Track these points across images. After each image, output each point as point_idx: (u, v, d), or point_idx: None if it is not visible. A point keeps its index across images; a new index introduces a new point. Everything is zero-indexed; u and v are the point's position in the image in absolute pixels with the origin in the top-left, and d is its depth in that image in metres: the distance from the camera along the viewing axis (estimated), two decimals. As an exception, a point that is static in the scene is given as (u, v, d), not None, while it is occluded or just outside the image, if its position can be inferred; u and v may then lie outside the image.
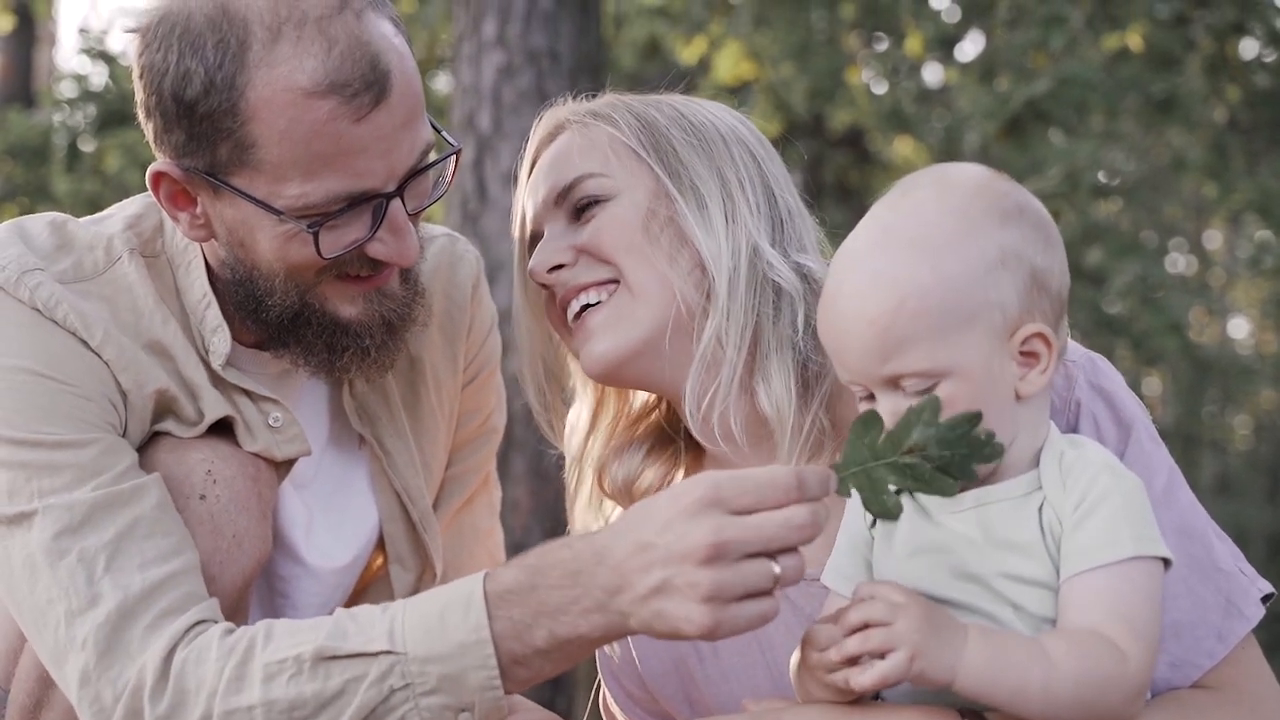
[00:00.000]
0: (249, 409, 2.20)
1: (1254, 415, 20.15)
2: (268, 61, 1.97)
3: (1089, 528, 1.79)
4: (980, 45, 10.39)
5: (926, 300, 1.79)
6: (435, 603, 1.91)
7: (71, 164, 10.00)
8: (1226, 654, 1.98)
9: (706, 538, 1.74)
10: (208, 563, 2.09)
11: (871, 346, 1.81)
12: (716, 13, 10.03)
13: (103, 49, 10.42)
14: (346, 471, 2.38)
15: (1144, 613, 1.76)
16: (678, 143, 2.17)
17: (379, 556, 2.44)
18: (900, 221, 1.85)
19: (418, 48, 9.59)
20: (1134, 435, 2.03)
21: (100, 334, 2.09)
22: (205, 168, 2.04)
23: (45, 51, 14.58)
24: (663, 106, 2.22)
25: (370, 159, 2.02)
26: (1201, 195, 12.90)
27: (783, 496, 1.76)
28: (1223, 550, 2.03)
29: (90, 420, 2.06)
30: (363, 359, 2.18)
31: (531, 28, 6.14)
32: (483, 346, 2.52)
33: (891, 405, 1.83)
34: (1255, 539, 15.63)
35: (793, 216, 2.20)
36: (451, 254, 2.48)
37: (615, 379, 2.19)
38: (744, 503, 1.76)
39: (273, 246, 2.07)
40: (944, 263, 1.80)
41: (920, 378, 1.80)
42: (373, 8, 2.04)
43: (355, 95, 1.98)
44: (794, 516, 1.76)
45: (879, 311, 1.80)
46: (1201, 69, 8.88)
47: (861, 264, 1.85)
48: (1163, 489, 2.01)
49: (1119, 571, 1.77)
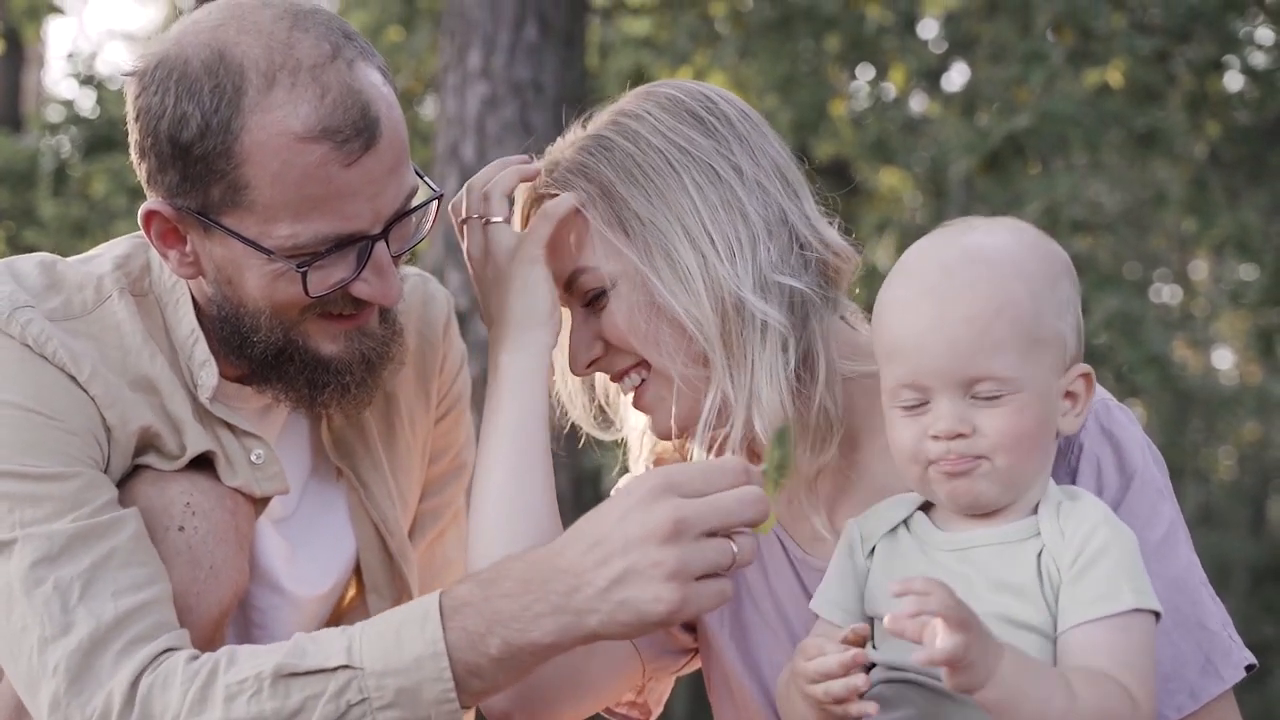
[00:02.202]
0: (232, 444, 2.24)
1: (1237, 446, 20.21)
2: (263, 106, 2.03)
3: (1089, 580, 1.84)
4: (966, 76, 10.46)
5: (1021, 312, 1.89)
6: (393, 619, 1.97)
7: (58, 188, 10.02)
8: (1197, 710, 2.00)
9: (667, 516, 1.84)
10: (185, 593, 2.12)
11: (964, 346, 1.88)
12: (702, 43, 10.09)
13: (90, 73, 10.45)
14: (325, 503, 2.43)
15: (1143, 663, 1.82)
16: (634, 201, 2.17)
17: (354, 587, 2.48)
18: (989, 244, 1.95)
19: (404, 76, 9.64)
20: (1134, 485, 2.05)
21: (88, 370, 2.13)
22: (198, 208, 2.09)
23: (33, 74, 14.60)
24: (611, 147, 2.21)
25: (358, 202, 2.08)
26: (1185, 227, 12.96)
27: (732, 479, 1.87)
28: (1213, 610, 2.05)
29: (74, 455, 2.10)
30: (343, 395, 2.24)
31: (516, 59, 6.18)
32: (453, 384, 2.58)
33: (952, 410, 1.89)
34: (1238, 570, 15.66)
35: (775, 222, 2.17)
36: (424, 293, 2.54)
37: (676, 439, 2.29)
38: (696, 486, 1.87)
39: (260, 285, 2.12)
40: (1034, 286, 1.92)
41: (998, 383, 1.88)
42: (363, 58, 2.10)
43: (346, 141, 2.04)
44: (746, 494, 1.86)
45: (980, 311, 1.89)
46: (1182, 104, 8.95)
47: (957, 271, 1.92)
48: (1159, 541, 2.03)
49: (1119, 624, 1.83)
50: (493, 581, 1.94)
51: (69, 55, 10.98)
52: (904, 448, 1.94)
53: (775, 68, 9.65)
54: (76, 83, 10.70)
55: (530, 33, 6.19)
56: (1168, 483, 2.10)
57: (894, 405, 1.95)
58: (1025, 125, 7.93)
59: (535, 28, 6.20)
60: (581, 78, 6.44)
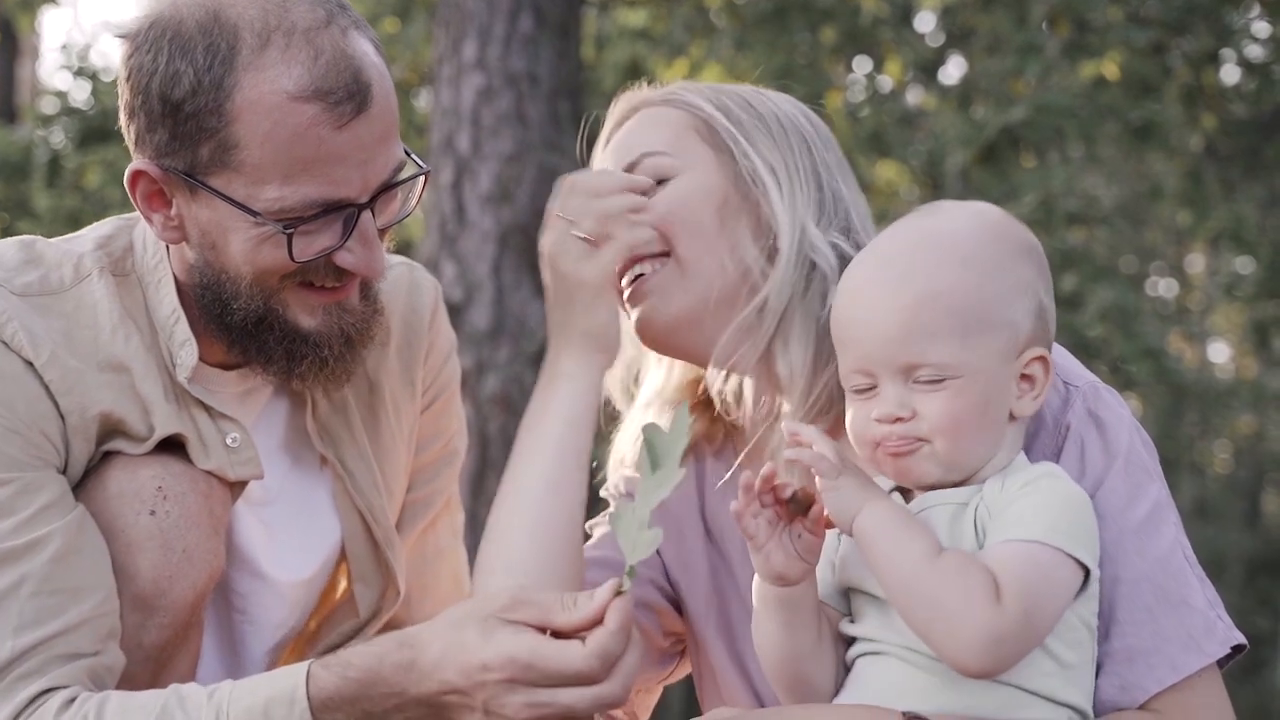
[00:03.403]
0: (207, 427, 2.22)
1: (1233, 440, 20.22)
2: (256, 65, 2.03)
3: (1009, 514, 1.88)
4: (963, 69, 10.46)
5: (957, 299, 1.92)
6: (261, 694, 1.97)
7: (52, 180, 10.01)
8: (1178, 681, 1.99)
9: (523, 711, 1.89)
10: (157, 578, 2.11)
11: (897, 332, 1.91)
12: (698, 35, 10.09)
13: (84, 65, 10.43)
14: (309, 491, 2.41)
15: (1039, 589, 1.82)
16: (749, 127, 2.27)
17: (342, 578, 2.46)
18: (939, 229, 1.99)
19: (400, 68, 9.62)
20: (1117, 465, 2.05)
21: (46, 354, 2.11)
22: (185, 168, 2.08)
23: (28, 66, 14.57)
24: (731, 94, 2.33)
25: (347, 168, 2.07)
26: (1180, 220, 12.97)
27: (589, 681, 1.89)
28: (1199, 591, 2.04)
29: (12, 456, 2.07)
30: (320, 369, 2.22)
31: (511, 50, 6.18)
32: (441, 371, 2.56)
33: (894, 395, 1.93)
34: (1233, 563, 15.68)
35: (837, 201, 2.29)
36: (410, 281, 2.52)
37: (658, 345, 2.30)
38: (551, 685, 1.89)
39: (245, 249, 2.11)
40: (977, 272, 1.93)
41: (936, 369, 1.91)
42: (356, 27, 2.11)
43: (338, 103, 2.04)
44: (604, 695, 1.89)
45: (913, 299, 1.92)
46: (1178, 97, 8.95)
47: (897, 258, 1.97)
48: (1143, 519, 2.02)
49: (1025, 549, 1.84)
50: (363, 684, 1.96)
51: (63, 46, 10.98)
52: (854, 430, 1.98)
53: (771, 60, 9.63)
54: (70, 74, 10.68)
55: (525, 24, 6.18)
56: (1156, 465, 2.10)
57: (848, 389, 2.00)
58: (1021, 117, 7.92)
59: (530, 19, 6.20)
60: (577, 69, 6.43)
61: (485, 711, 1.90)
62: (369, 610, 2.43)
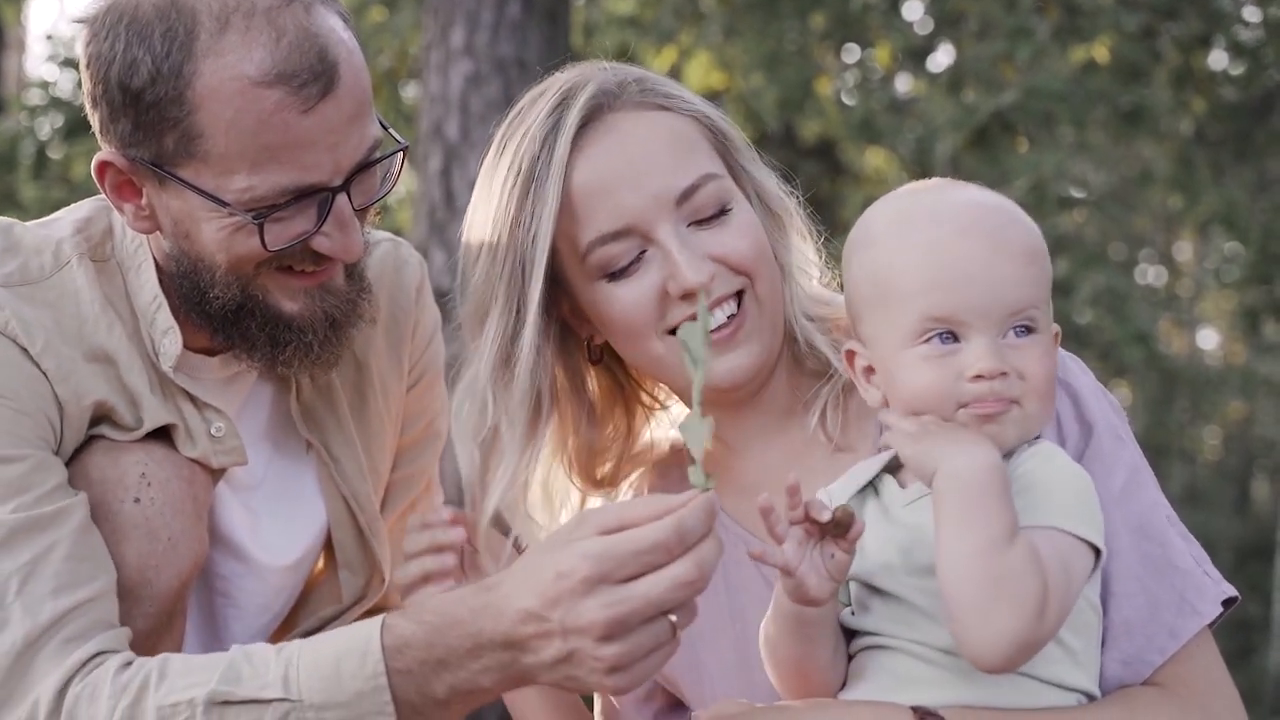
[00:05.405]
0: (192, 415, 2.19)
1: (1223, 426, 20.27)
2: (215, 50, 1.96)
3: (1030, 495, 1.83)
4: (952, 56, 10.45)
5: (1045, 259, 1.94)
6: (329, 648, 1.88)
7: (38, 171, 9.96)
8: (1178, 650, 1.98)
9: (601, 615, 1.73)
10: (142, 566, 2.08)
11: (1024, 275, 1.87)
12: (687, 22, 10.06)
13: (70, 56, 10.37)
14: (294, 477, 2.38)
15: (1069, 590, 1.79)
16: (733, 143, 2.18)
17: (324, 561, 2.43)
18: (988, 196, 1.96)
19: (387, 56, 9.58)
20: (1095, 434, 2.04)
21: (41, 343, 2.07)
22: (151, 158, 2.03)
23: (14, 57, 14.51)
24: (689, 93, 2.20)
25: (317, 152, 2.01)
26: (1171, 207, 12.98)
27: (665, 555, 1.72)
28: (1183, 549, 2.03)
29: (24, 435, 2.04)
30: (305, 354, 2.17)
31: (499, 37, 6.14)
32: (426, 350, 2.52)
33: (986, 347, 1.85)
34: (1223, 549, 15.70)
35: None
36: (396, 258, 2.48)
37: (738, 394, 2.15)
38: (628, 573, 1.73)
39: (217, 238, 2.06)
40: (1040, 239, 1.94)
41: (1040, 313, 1.89)
42: (321, 2, 2.04)
43: (303, 86, 1.97)
44: (681, 575, 1.72)
45: (1032, 247, 1.90)
46: (1168, 81, 8.95)
47: (994, 213, 1.92)
48: (1121, 487, 2.01)
49: (1040, 534, 1.79)
50: (438, 629, 1.84)
51: (48, 37, 10.90)
52: (931, 389, 1.88)
53: (760, 46, 9.62)
54: (56, 65, 10.62)
55: (514, 10, 6.15)
56: (1126, 427, 2.09)
57: (916, 345, 1.89)
58: (1011, 101, 7.91)
59: (519, 5, 6.16)
60: (566, 55, 6.37)
61: (564, 633, 1.74)
62: (353, 596, 2.41)
